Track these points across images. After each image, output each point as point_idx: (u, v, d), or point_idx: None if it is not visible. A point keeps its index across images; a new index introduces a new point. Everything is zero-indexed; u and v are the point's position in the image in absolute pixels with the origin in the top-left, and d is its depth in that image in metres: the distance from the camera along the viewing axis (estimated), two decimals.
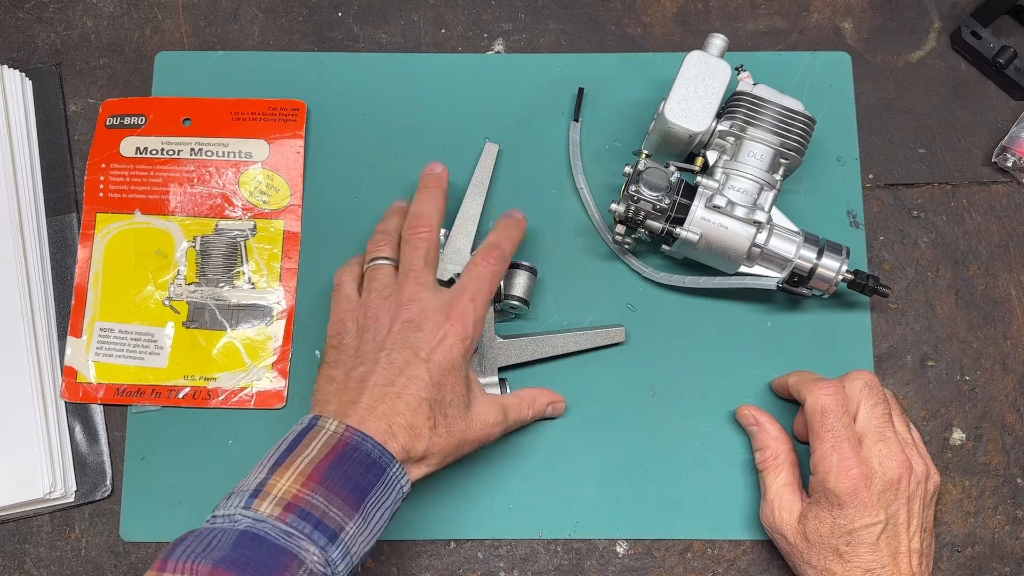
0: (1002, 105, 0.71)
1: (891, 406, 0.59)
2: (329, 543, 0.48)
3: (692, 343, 0.66)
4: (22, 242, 0.66)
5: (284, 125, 0.68)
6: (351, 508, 0.49)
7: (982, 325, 0.67)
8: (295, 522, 0.48)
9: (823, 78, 0.70)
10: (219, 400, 0.64)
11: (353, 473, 0.50)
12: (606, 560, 0.63)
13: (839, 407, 0.57)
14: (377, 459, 0.51)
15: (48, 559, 0.63)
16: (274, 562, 0.46)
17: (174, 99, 0.68)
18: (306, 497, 0.49)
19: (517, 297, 0.63)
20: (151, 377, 0.64)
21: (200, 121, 0.68)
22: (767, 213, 0.61)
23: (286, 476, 0.49)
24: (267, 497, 0.48)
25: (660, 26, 0.72)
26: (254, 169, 0.67)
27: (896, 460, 0.56)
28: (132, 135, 0.68)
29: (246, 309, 0.65)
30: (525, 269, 0.63)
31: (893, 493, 0.56)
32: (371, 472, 0.51)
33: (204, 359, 0.64)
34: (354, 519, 0.49)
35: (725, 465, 0.64)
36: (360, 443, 0.51)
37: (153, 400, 0.64)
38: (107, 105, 0.68)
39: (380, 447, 0.51)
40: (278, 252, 0.66)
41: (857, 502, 0.55)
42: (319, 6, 0.72)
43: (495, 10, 0.72)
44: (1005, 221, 0.69)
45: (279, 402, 0.64)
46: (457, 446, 0.55)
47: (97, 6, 0.72)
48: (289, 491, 0.49)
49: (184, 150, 0.67)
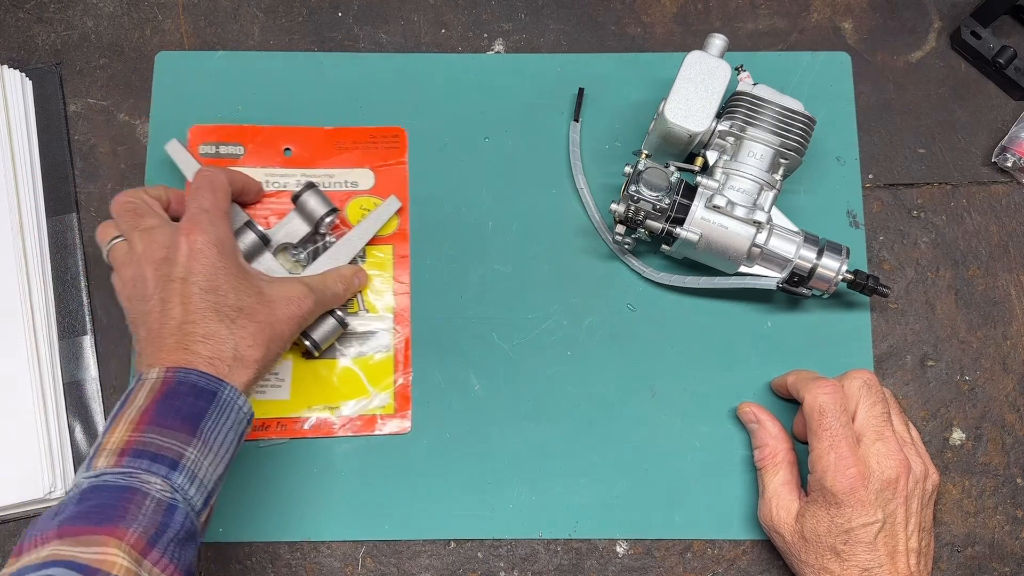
0: (1002, 105, 0.71)
1: (890, 405, 0.59)
2: (171, 471, 0.48)
3: (692, 343, 0.66)
4: (22, 242, 0.66)
5: (387, 152, 0.68)
6: (187, 435, 0.50)
7: (982, 325, 0.67)
8: (130, 462, 0.48)
9: (823, 78, 0.70)
10: (344, 428, 0.63)
11: (182, 405, 0.50)
12: (606, 560, 0.63)
13: (837, 406, 0.57)
14: (204, 387, 0.51)
15: None
16: (117, 500, 0.47)
17: (271, 128, 0.68)
18: (137, 438, 0.49)
19: (311, 339, 0.62)
20: (275, 410, 0.63)
21: (301, 150, 0.68)
22: (767, 213, 0.61)
23: (118, 430, 0.50)
24: (103, 453, 0.49)
25: (660, 26, 0.72)
26: (360, 198, 0.67)
27: (894, 459, 0.56)
28: (233, 166, 0.67)
29: (362, 336, 0.65)
30: (335, 318, 0.63)
31: (891, 492, 0.56)
32: (201, 399, 0.51)
33: (326, 388, 0.64)
34: (193, 444, 0.50)
35: (725, 465, 0.64)
36: (184, 377, 0.51)
37: (279, 433, 0.63)
38: (196, 131, 0.68)
39: (205, 376, 0.52)
40: (389, 277, 0.66)
41: (854, 501, 0.55)
42: (319, 6, 0.72)
43: (495, 10, 0.72)
44: (1005, 221, 0.69)
45: (404, 428, 0.64)
46: (270, 329, 0.55)
47: (97, 6, 0.72)
48: (121, 439, 0.49)
49: (290, 182, 0.67)
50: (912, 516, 0.56)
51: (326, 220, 0.64)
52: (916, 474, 0.57)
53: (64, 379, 0.65)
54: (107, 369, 0.66)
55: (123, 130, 0.70)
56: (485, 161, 0.69)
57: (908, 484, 0.56)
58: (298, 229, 0.65)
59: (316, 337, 0.62)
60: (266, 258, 0.64)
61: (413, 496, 0.63)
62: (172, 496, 0.48)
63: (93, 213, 0.68)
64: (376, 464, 0.63)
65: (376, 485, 0.63)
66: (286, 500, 0.62)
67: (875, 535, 0.55)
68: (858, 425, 0.57)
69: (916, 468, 0.57)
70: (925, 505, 0.58)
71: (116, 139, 0.69)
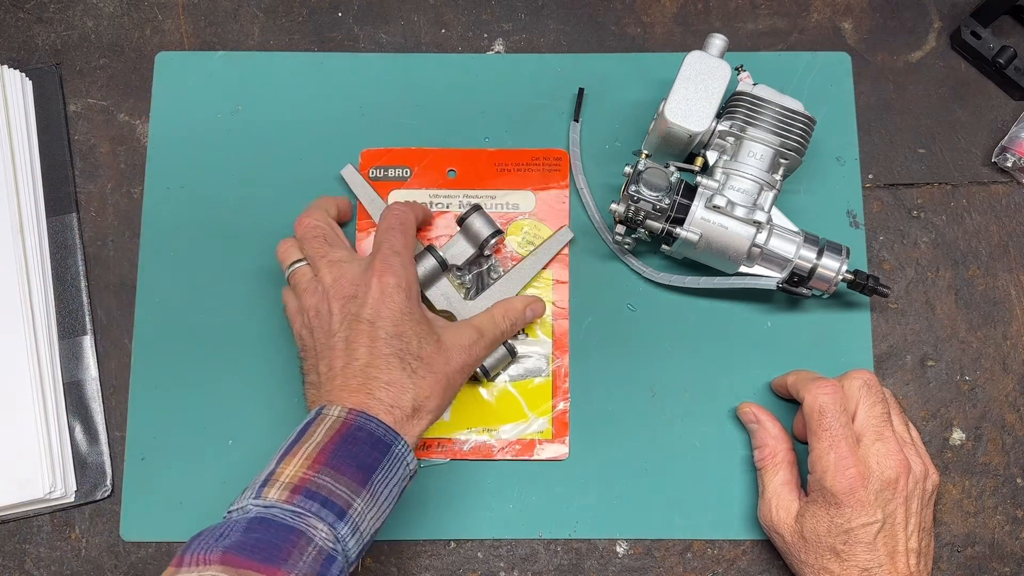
0: (1002, 105, 0.71)
1: (890, 405, 0.59)
2: (337, 519, 0.48)
3: (692, 343, 0.66)
4: (22, 242, 0.66)
5: (548, 175, 0.68)
6: (358, 485, 0.50)
7: (982, 325, 0.67)
8: (302, 502, 0.48)
9: (823, 78, 0.70)
10: (503, 452, 0.63)
11: (358, 452, 0.51)
12: (606, 560, 0.63)
13: (837, 406, 0.57)
14: (382, 437, 0.52)
15: (48, 559, 0.63)
16: (283, 541, 0.47)
17: (436, 150, 0.68)
18: (312, 478, 0.49)
19: (482, 367, 0.62)
20: (436, 429, 0.64)
21: (465, 172, 0.68)
22: (767, 213, 0.61)
23: (293, 463, 0.50)
24: (275, 484, 0.49)
25: (660, 26, 0.72)
26: (521, 220, 0.67)
27: (894, 459, 0.56)
28: (400, 188, 0.67)
29: (521, 359, 0.65)
30: (506, 346, 0.62)
31: (891, 492, 0.56)
32: (376, 449, 0.51)
33: (485, 410, 0.64)
34: (362, 495, 0.50)
35: (725, 465, 0.64)
36: (364, 423, 0.52)
37: (441, 454, 0.63)
38: (366, 155, 0.68)
39: (384, 426, 0.52)
40: (549, 301, 0.65)
41: (854, 501, 0.55)
42: (319, 6, 0.72)
43: (495, 10, 0.72)
44: (1005, 221, 0.69)
45: (562, 454, 0.64)
46: (446, 380, 0.56)
47: (97, 6, 0.72)
48: (296, 475, 0.49)
49: (453, 203, 0.67)
50: (912, 516, 0.56)
51: (491, 242, 0.64)
52: (916, 474, 0.57)
53: (64, 379, 0.65)
54: (107, 369, 0.66)
55: (123, 130, 0.70)
56: None
57: (908, 484, 0.56)
58: (463, 251, 0.64)
59: (487, 365, 0.62)
60: (443, 283, 0.64)
61: (413, 496, 0.63)
62: (334, 547, 0.48)
63: (93, 213, 0.68)
64: None
65: None
66: None
67: (875, 535, 0.55)
68: (858, 425, 0.57)
69: (916, 468, 0.57)
70: (925, 505, 0.58)
71: (116, 139, 0.70)
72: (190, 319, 0.66)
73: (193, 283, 0.67)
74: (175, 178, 0.68)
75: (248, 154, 0.69)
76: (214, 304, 0.66)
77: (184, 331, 0.66)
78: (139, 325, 0.66)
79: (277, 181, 0.68)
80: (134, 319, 0.66)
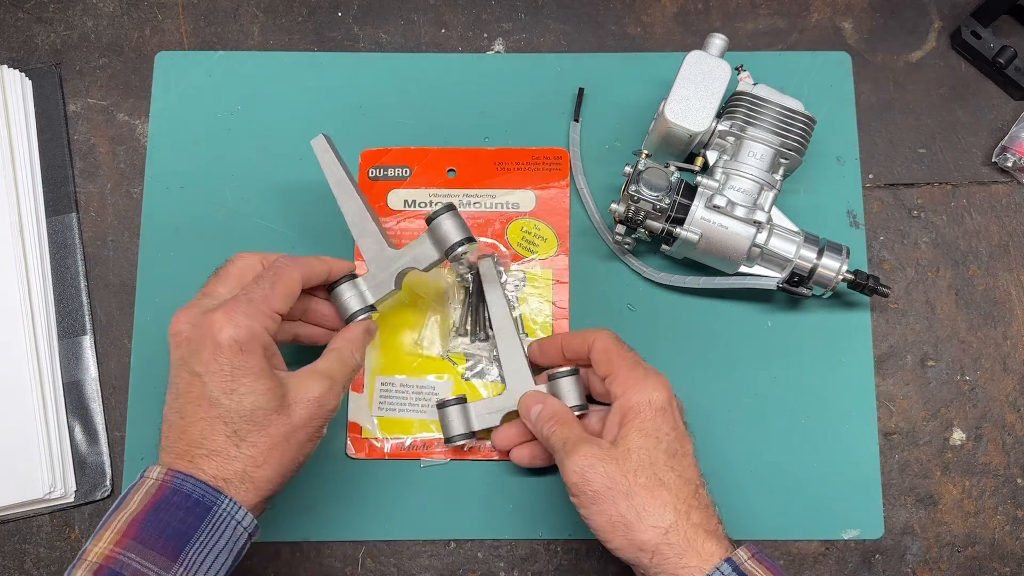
0: (1002, 105, 0.71)
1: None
2: None
3: (692, 343, 0.66)
4: (22, 242, 0.66)
5: (549, 174, 0.68)
6: (168, 559, 0.46)
7: (982, 325, 0.67)
8: None
9: (823, 78, 0.70)
10: (502, 452, 0.63)
11: (171, 520, 0.47)
12: (606, 560, 0.63)
13: (618, 339, 0.57)
14: (199, 499, 0.48)
15: (48, 559, 0.63)
16: None
17: (436, 149, 0.68)
18: (117, 557, 0.46)
19: (455, 242, 0.56)
20: (435, 430, 0.63)
21: (465, 171, 0.68)
22: (767, 213, 0.61)
23: (104, 538, 0.47)
24: (82, 565, 0.47)
25: (660, 26, 0.72)
26: (521, 219, 0.67)
27: (661, 380, 0.55)
28: (399, 187, 0.67)
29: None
30: (445, 211, 0.57)
31: (680, 412, 0.55)
32: (191, 515, 0.48)
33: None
34: (173, 571, 0.46)
35: (724, 465, 0.64)
36: (180, 485, 0.48)
37: (441, 454, 0.63)
38: (366, 155, 0.68)
39: (202, 486, 0.48)
40: (549, 301, 0.66)
41: (673, 408, 0.54)
42: (319, 6, 0.72)
43: (495, 10, 0.72)
44: (1005, 221, 0.69)
45: None
46: (284, 439, 0.50)
47: (97, 6, 0.72)
48: (101, 553, 0.46)
49: (453, 203, 0.66)
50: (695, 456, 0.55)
51: (459, 249, 0.56)
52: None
53: (64, 379, 0.65)
54: (107, 369, 0.66)
55: (123, 130, 0.70)
56: None
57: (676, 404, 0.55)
58: (427, 254, 0.58)
59: (459, 236, 0.57)
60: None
61: (414, 496, 0.63)
62: None
63: (93, 213, 0.68)
64: (377, 464, 0.64)
65: (376, 485, 0.63)
66: (287, 501, 0.62)
67: (693, 453, 0.54)
68: (629, 363, 0.56)
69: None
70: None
71: (116, 139, 0.70)
72: None
73: (193, 283, 0.66)
74: (175, 178, 0.68)
75: (248, 154, 0.69)
76: None
77: None
78: (139, 325, 0.66)
79: (277, 181, 0.68)
80: (134, 319, 0.66)
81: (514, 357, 0.62)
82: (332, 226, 0.67)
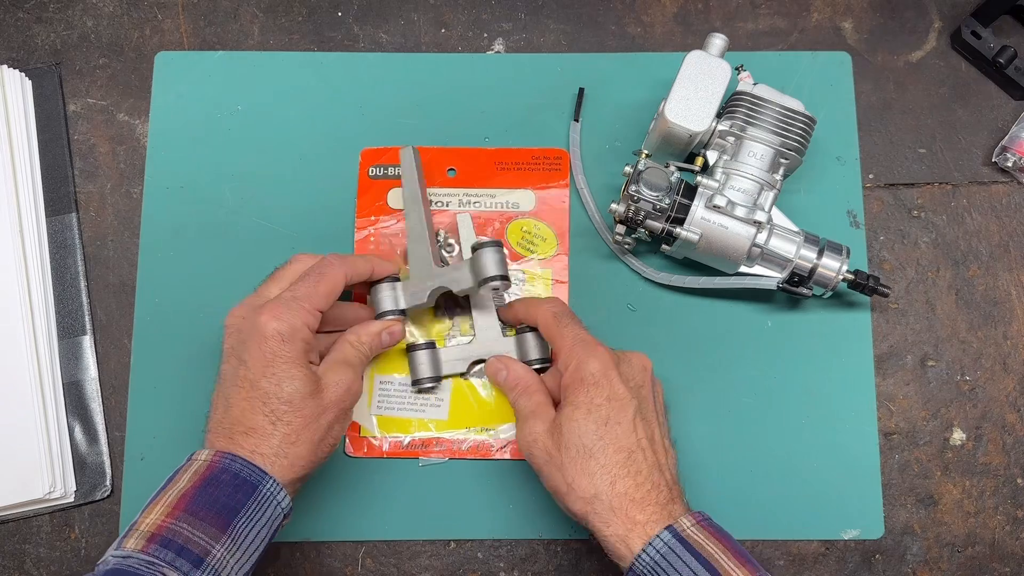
0: (1002, 105, 0.71)
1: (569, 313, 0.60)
2: (194, 568, 0.48)
3: (692, 343, 0.66)
4: (22, 242, 0.66)
5: (549, 174, 0.68)
6: (218, 530, 0.50)
7: (982, 325, 0.67)
8: (156, 551, 0.48)
9: (823, 78, 0.70)
10: (502, 451, 0.63)
11: (220, 495, 0.51)
12: (606, 560, 0.63)
13: (566, 308, 0.60)
14: (247, 478, 0.51)
15: (48, 559, 0.63)
16: None
17: (436, 148, 0.68)
18: (169, 526, 0.49)
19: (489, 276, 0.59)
20: (434, 429, 0.64)
21: (465, 171, 0.68)
22: (767, 213, 0.61)
23: (155, 511, 0.50)
24: (134, 534, 0.49)
25: (660, 26, 0.72)
26: (521, 219, 0.67)
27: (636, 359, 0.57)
28: (399, 187, 0.67)
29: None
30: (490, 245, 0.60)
31: (641, 380, 0.56)
32: (240, 492, 0.51)
33: (484, 410, 0.64)
34: (222, 541, 0.50)
35: (724, 466, 0.64)
36: (228, 464, 0.52)
37: (440, 453, 0.64)
38: (366, 154, 0.68)
39: (250, 466, 0.52)
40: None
41: (612, 377, 0.55)
42: (319, 6, 0.72)
43: (495, 10, 0.72)
44: (1005, 221, 0.69)
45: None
46: (315, 421, 0.54)
47: (97, 6, 0.72)
48: (154, 523, 0.49)
49: (453, 202, 0.67)
50: (660, 415, 0.57)
51: (491, 283, 0.59)
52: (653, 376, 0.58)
53: (64, 379, 0.65)
54: (107, 369, 0.66)
55: (123, 130, 0.70)
56: None
57: (651, 382, 0.57)
58: (463, 279, 0.61)
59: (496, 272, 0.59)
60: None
61: (414, 496, 0.63)
62: None
63: (93, 213, 0.68)
64: (377, 464, 0.63)
65: (376, 484, 0.63)
66: None
67: (632, 416, 0.54)
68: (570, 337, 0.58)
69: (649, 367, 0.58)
70: (665, 415, 0.58)
71: (116, 139, 0.70)
72: (190, 319, 0.66)
73: (193, 283, 0.67)
74: (175, 178, 0.68)
75: (248, 154, 0.69)
76: (214, 304, 0.66)
77: (184, 331, 0.66)
78: (139, 325, 0.66)
79: (277, 181, 0.68)
80: (134, 319, 0.66)
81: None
82: (332, 226, 0.67)
